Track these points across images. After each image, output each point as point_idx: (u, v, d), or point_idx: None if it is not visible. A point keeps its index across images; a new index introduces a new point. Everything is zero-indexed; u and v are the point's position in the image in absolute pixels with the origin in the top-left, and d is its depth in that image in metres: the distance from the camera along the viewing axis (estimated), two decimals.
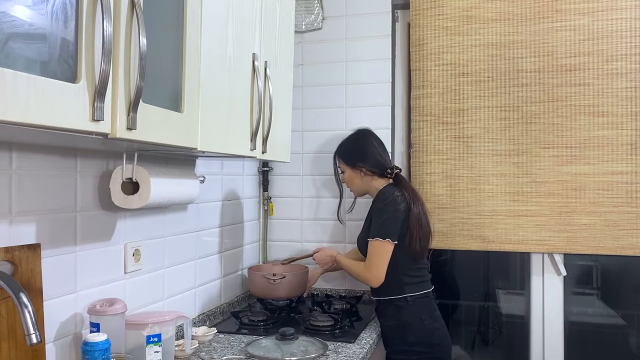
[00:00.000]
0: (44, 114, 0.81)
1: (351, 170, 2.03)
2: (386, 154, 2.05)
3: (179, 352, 1.56)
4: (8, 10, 0.77)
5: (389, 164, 2.02)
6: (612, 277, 2.44)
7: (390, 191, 1.90)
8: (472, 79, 2.22)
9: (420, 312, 1.89)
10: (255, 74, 1.62)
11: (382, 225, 1.86)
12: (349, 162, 2.03)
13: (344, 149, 2.08)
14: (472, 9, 2.21)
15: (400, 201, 1.87)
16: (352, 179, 2.04)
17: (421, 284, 1.93)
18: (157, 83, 1.12)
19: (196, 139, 1.27)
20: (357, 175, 2.02)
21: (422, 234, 1.89)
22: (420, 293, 1.91)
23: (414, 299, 1.89)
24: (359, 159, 2.00)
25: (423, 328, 1.87)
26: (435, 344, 1.87)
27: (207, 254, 2.04)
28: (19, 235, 1.19)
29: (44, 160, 1.26)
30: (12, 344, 1.13)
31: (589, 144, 2.11)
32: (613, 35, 2.08)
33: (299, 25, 2.46)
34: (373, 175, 2.00)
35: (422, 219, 1.90)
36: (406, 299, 1.89)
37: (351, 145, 2.06)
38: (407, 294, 1.89)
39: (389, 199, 1.88)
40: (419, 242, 1.87)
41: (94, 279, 1.43)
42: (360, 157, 2.01)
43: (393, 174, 1.99)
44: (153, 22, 1.09)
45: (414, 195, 1.92)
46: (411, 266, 1.91)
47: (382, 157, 2.01)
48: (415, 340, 1.87)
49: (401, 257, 1.88)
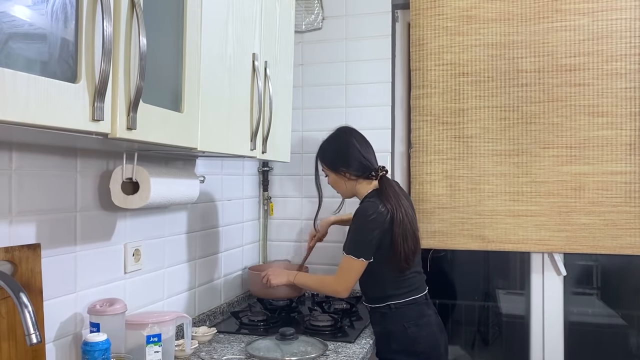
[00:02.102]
0: (44, 114, 0.81)
1: (334, 174, 1.92)
2: (370, 153, 1.93)
3: (179, 352, 1.56)
4: (8, 10, 0.77)
5: (374, 165, 1.91)
6: (612, 277, 2.45)
7: (374, 207, 1.78)
8: (472, 79, 2.22)
9: (404, 319, 1.81)
10: (255, 74, 1.62)
11: (357, 244, 1.78)
12: (330, 166, 1.92)
13: (325, 152, 1.96)
14: (472, 9, 2.21)
15: (384, 217, 1.77)
16: (336, 183, 1.93)
17: (408, 292, 1.84)
18: (157, 83, 1.12)
19: (196, 139, 1.27)
20: (341, 180, 1.91)
21: (407, 247, 1.79)
22: (405, 300, 1.83)
23: (398, 306, 1.82)
24: (341, 164, 1.89)
25: (407, 336, 1.80)
26: (420, 352, 1.80)
27: (207, 254, 2.04)
28: (19, 235, 1.19)
29: (44, 160, 1.26)
30: (12, 344, 1.13)
31: (588, 144, 2.11)
32: (613, 35, 2.08)
33: (299, 25, 2.46)
34: (357, 178, 1.89)
35: (407, 231, 1.79)
36: (389, 307, 1.83)
37: (332, 148, 1.94)
38: (391, 302, 1.83)
39: (371, 216, 1.77)
40: (403, 255, 1.78)
41: (94, 279, 1.43)
42: (342, 161, 1.89)
43: (378, 176, 1.89)
44: (153, 22, 1.09)
45: (397, 203, 1.80)
46: (397, 278, 1.83)
47: (365, 159, 1.89)
48: (400, 348, 1.81)
49: (386, 271, 1.82)
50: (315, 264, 2.43)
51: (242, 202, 2.37)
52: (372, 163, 1.91)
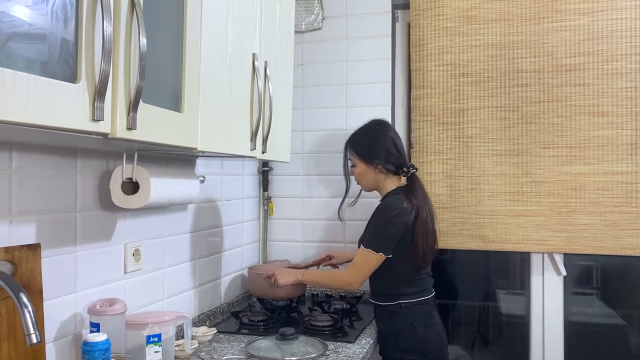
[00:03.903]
0: (44, 114, 0.81)
1: (365, 165, 1.88)
2: (403, 149, 1.92)
3: (179, 352, 1.56)
4: (8, 10, 0.77)
5: (406, 161, 1.90)
6: (612, 277, 2.44)
7: (398, 203, 1.79)
8: (472, 79, 2.22)
9: (414, 319, 1.82)
10: (255, 74, 1.62)
11: (378, 238, 1.79)
12: (363, 157, 1.88)
13: (358, 141, 1.91)
14: (472, 10, 2.21)
15: (408, 213, 1.77)
16: (365, 174, 1.89)
17: (420, 292, 1.85)
18: (157, 83, 1.12)
19: (196, 139, 1.27)
20: (370, 171, 1.87)
21: (427, 246, 1.80)
22: (416, 300, 1.84)
23: (409, 305, 1.83)
24: (375, 155, 1.86)
25: (416, 335, 1.81)
26: (428, 352, 1.81)
27: (207, 254, 2.04)
28: (19, 235, 1.19)
29: (44, 160, 1.26)
30: (12, 344, 1.13)
31: (589, 144, 2.11)
32: (613, 35, 2.08)
33: (299, 25, 2.46)
34: (388, 173, 1.87)
35: (428, 230, 1.81)
36: (400, 305, 1.83)
37: (368, 139, 1.89)
38: (402, 301, 1.83)
39: (395, 211, 1.77)
40: (422, 253, 1.79)
41: (94, 279, 1.43)
42: (377, 153, 1.86)
43: (409, 174, 1.88)
44: (153, 22, 1.09)
45: (423, 201, 1.82)
46: (412, 276, 1.84)
47: (399, 154, 1.88)
48: (408, 347, 1.81)
49: (402, 269, 1.82)
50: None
51: (242, 202, 2.37)
52: (405, 160, 1.92)
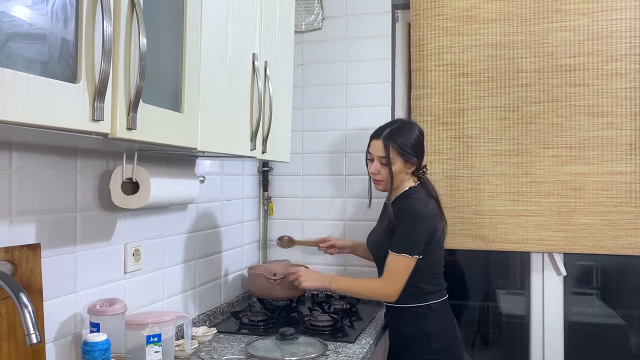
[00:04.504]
0: (44, 114, 0.81)
1: (403, 164, 1.83)
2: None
3: (179, 352, 1.56)
4: (8, 10, 0.77)
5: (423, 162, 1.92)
6: (612, 277, 2.45)
7: (423, 203, 1.79)
8: (472, 80, 2.22)
9: (444, 319, 1.84)
10: (255, 74, 1.62)
11: (411, 241, 1.76)
12: (405, 156, 1.82)
13: (405, 140, 1.83)
14: (472, 9, 2.21)
15: (434, 213, 1.80)
16: (399, 173, 1.84)
17: (441, 291, 1.87)
18: (157, 83, 1.12)
19: (196, 139, 1.27)
20: (403, 170, 1.85)
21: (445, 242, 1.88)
22: (441, 300, 1.85)
23: (437, 306, 1.83)
24: (416, 155, 1.84)
25: (446, 336, 1.81)
26: (456, 350, 1.83)
27: (207, 254, 2.04)
28: (19, 235, 1.19)
29: (44, 160, 1.26)
30: (12, 344, 1.13)
31: (588, 144, 2.11)
32: (613, 35, 2.08)
33: (299, 25, 2.46)
34: (411, 172, 1.88)
35: (445, 227, 1.86)
36: (429, 307, 1.82)
37: (414, 139, 1.85)
38: (430, 302, 1.82)
39: (423, 212, 1.77)
40: (442, 251, 1.86)
41: (94, 279, 1.43)
42: (418, 153, 1.85)
43: (424, 174, 1.91)
44: (153, 22, 1.09)
45: (437, 199, 1.87)
46: (433, 274, 1.85)
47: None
48: (440, 348, 1.80)
49: (425, 267, 1.81)
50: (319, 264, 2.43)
51: (242, 202, 2.37)
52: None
